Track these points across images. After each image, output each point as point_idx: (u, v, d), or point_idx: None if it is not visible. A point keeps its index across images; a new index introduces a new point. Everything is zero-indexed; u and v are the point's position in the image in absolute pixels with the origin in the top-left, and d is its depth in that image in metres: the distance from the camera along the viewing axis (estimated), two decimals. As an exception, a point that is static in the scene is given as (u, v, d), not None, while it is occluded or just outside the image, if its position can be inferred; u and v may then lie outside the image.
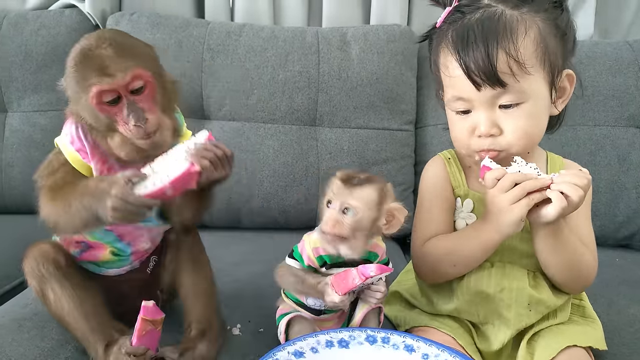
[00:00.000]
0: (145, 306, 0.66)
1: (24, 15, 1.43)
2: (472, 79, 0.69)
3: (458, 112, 0.75)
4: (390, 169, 1.37)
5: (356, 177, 0.68)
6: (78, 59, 0.65)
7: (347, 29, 1.41)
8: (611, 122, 1.34)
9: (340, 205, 0.67)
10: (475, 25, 0.69)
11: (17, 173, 1.37)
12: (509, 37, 0.67)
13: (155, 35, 1.36)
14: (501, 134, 0.71)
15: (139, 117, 0.65)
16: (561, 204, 0.64)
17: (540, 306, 0.76)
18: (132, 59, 0.65)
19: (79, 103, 0.67)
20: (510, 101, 0.70)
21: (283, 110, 1.35)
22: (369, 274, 0.66)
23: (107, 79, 0.63)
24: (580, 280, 0.77)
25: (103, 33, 0.67)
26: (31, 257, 0.73)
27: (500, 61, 0.67)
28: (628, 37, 1.56)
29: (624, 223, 1.31)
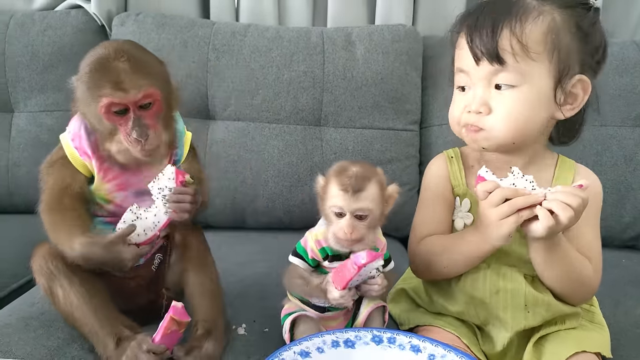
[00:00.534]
0: (175, 306, 0.69)
1: (30, 15, 1.44)
2: (473, 51, 0.70)
3: (458, 88, 0.76)
4: (395, 168, 1.36)
5: (354, 181, 0.68)
6: (94, 66, 0.68)
7: (352, 29, 1.41)
8: (618, 122, 1.33)
9: (351, 212, 0.68)
10: (492, 3, 0.71)
11: (23, 173, 1.38)
12: (517, 18, 0.68)
13: (161, 36, 1.36)
14: (490, 113, 0.71)
15: (142, 133, 0.68)
16: (548, 223, 0.63)
17: (539, 307, 0.75)
18: (146, 77, 0.68)
19: (87, 107, 0.70)
20: (506, 81, 0.70)
21: (288, 110, 1.35)
22: (360, 262, 0.66)
23: (120, 93, 0.66)
24: (579, 293, 0.76)
25: (122, 45, 0.70)
26: (39, 255, 0.73)
27: (503, 37, 0.68)
28: (635, 36, 1.55)
29: (630, 224, 1.30)
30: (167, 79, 0.74)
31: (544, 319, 0.75)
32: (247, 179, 1.33)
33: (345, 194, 0.68)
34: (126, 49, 0.69)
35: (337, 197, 0.68)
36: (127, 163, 0.73)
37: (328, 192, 0.70)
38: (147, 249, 0.72)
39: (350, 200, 0.68)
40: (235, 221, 1.37)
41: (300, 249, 0.75)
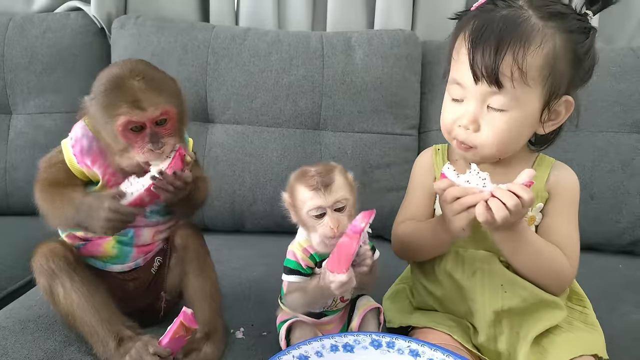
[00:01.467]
0: (185, 312, 0.69)
1: (29, 18, 1.44)
2: (473, 69, 0.70)
3: (453, 99, 0.77)
4: (393, 173, 1.37)
5: (321, 178, 0.69)
6: (110, 85, 0.69)
7: (351, 34, 1.42)
8: (615, 128, 1.34)
9: (331, 207, 0.69)
10: (497, 21, 0.70)
11: (21, 175, 1.37)
12: (522, 43, 0.68)
13: (160, 39, 1.36)
14: (478, 131, 0.73)
15: (158, 145, 0.71)
16: (483, 217, 0.66)
17: (516, 287, 0.76)
18: (161, 95, 0.70)
19: (103, 125, 0.71)
20: (499, 105, 0.71)
21: (287, 114, 1.36)
22: (360, 226, 0.67)
23: (138, 112, 0.68)
24: (552, 282, 0.77)
25: (135, 64, 0.72)
26: (40, 254, 0.74)
27: (505, 62, 0.68)
28: (632, 43, 1.56)
29: (627, 229, 1.30)
30: (180, 96, 0.76)
31: (523, 299, 0.75)
32: (245, 182, 1.33)
33: (317, 192, 0.69)
34: (140, 69, 0.71)
35: (312, 199, 0.69)
36: (131, 170, 0.73)
37: (299, 200, 0.71)
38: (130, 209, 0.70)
39: (325, 196, 0.69)
40: (234, 224, 1.37)
41: (292, 264, 0.75)
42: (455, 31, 0.77)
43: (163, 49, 1.35)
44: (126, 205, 0.69)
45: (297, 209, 0.72)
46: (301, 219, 0.72)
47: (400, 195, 1.35)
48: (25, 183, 1.35)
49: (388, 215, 1.35)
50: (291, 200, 0.72)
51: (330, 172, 0.70)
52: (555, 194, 0.79)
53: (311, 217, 0.70)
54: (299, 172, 0.73)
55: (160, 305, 0.81)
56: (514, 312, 0.76)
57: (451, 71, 0.77)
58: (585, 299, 0.85)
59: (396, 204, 1.35)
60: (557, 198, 0.79)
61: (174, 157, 0.72)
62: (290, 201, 0.73)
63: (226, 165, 1.33)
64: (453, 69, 0.76)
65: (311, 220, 0.70)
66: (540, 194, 0.78)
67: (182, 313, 0.69)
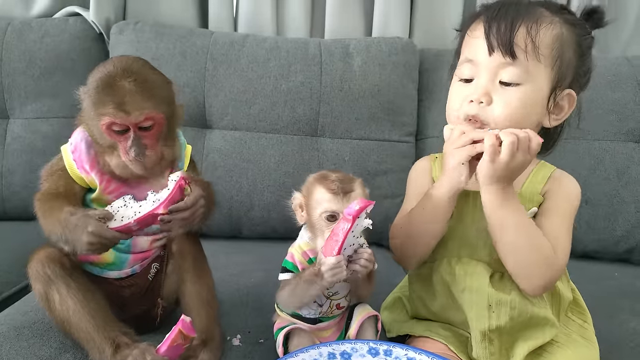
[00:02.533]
0: (184, 320, 0.68)
1: (28, 22, 1.44)
2: (489, 40, 0.73)
3: (461, 80, 0.77)
4: (390, 180, 1.37)
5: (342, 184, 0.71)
6: (100, 82, 0.69)
7: (349, 41, 1.43)
8: (610, 137, 1.35)
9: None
10: (512, 3, 0.75)
11: (18, 180, 1.37)
12: (535, 20, 0.72)
13: (159, 45, 1.36)
14: (490, 104, 0.73)
15: (140, 152, 0.69)
16: (489, 141, 0.67)
17: (504, 307, 0.74)
18: (150, 99, 0.69)
19: (91, 121, 0.71)
20: (512, 77, 0.72)
21: (285, 120, 1.36)
22: (355, 209, 0.65)
23: (122, 114, 0.67)
24: (536, 271, 0.73)
25: (130, 63, 0.71)
26: (36, 260, 0.73)
27: (519, 34, 0.72)
28: (627, 52, 1.58)
29: (623, 237, 1.31)
30: (172, 100, 0.75)
31: (511, 318, 0.74)
32: (243, 188, 1.33)
33: (336, 197, 0.70)
34: (135, 69, 0.70)
35: (329, 202, 0.70)
36: (125, 177, 0.73)
37: (315, 200, 0.71)
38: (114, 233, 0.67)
39: (343, 202, 0.69)
40: (231, 230, 1.37)
41: (289, 265, 0.75)
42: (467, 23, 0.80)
43: (162, 54, 1.36)
44: (112, 229, 0.67)
45: (310, 208, 0.72)
46: (311, 220, 0.73)
47: (398, 202, 1.36)
48: (21, 188, 1.35)
49: (385, 222, 1.35)
50: (306, 199, 0.73)
51: (351, 181, 0.72)
52: (550, 197, 0.79)
53: (323, 219, 0.70)
54: (319, 174, 0.74)
55: (157, 312, 0.80)
56: (503, 330, 0.75)
57: (462, 53, 0.79)
58: (586, 312, 0.84)
59: (393, 210, 1.35)
60: (552, 200, 0.79)
61: (174, 189, 0.69)
62: (304, 201, 0.74)
63: (224, 171, 1.33)
64: (466, 48, 0.78)
65: (321, 223, 0.71)
66: (535, 197, 0.79)
67: (180, 321, 0.68)
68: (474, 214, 0.77)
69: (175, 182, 0.70)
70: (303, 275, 0.71)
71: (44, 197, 0.74)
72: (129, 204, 0.70)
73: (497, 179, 0.69)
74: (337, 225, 0.68)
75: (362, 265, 0.70)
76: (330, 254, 0.67)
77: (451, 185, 0.72)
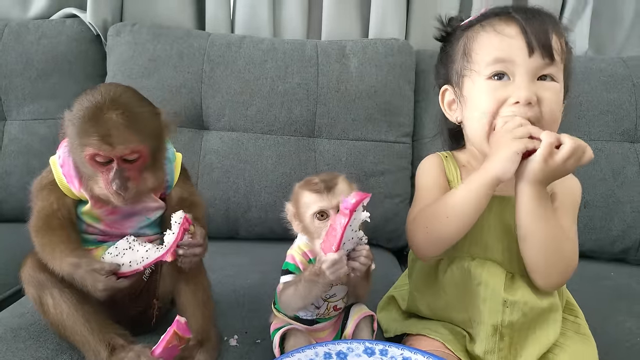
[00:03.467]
0: (179, 321, 0.69)
1: (25, 24, 1.45)
2: (529, 41, 0.73)
3: (491, 78, 0.75)
4: (387, 180, 1.37)
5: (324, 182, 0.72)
6: (87, 112, 0.66)
7: (346, 43, 1.43)
8: (606, 137, 1.36)
9: (334, 209, 0.71)
10: (530, 9, 0.77)
11: (15, 181, 1.36)
12: (558, 25, 0.76)
13: (156, 46, 1.37)
14: (536, 104, 0.73)
15: (122, 185, 0.68)
16: (549, 139, 0.66)
17: (518, 304, 0.75)
18: (136, 134, 0.67)
19: (74, 149, 0.69)
20: (553, 73, 0.74)
21: (282, 121, 1.36)
22: (351, 202, 0.65)
23: (106, 147, 0.66)
24: (557, 268, 0.75)
25: (119, 95, 0.68)
26: (29, 264, 0.73)
27: (554, 38, 0.74)
28: (622, 53, 1.59)
29: (618, 237, 1.31)
30: (159, 131, 0.73)
31: (524, 313, 0.75)
32: (240, 189, 1.33)
33: (321, 195, 0.71)
34: (123, 101, 0.67)
35: (315, 202, 0.71)
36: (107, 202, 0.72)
37: (302, 205, 0.72)
38: (125, 282, 0.70)
39: (329, 198, 0.70)
40: (228, 231, 1.37)
41: (291, 266, 0.75)
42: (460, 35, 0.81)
43: (159, 56, 1.36)
44: (121, 274, 0.70)
45: (301, 215, 0.73)
46: (305, 226, 0.73)
47: (395, 202, 1.37)
48: (18, 189, 1.35)
49: (382, 222, 1.36)
50: (295, 208, 0.74)
51: (333, 177, 0.73)
52: (557, 196, 0.79)
53: (315, 220, 0.71)
54: (303, 181, 0.75)
55: (152, 313, 0.80)
56: (515, 326, 0.75)
57: (489, 52, 0.76)
58: (576, 309, 0.85)
59: (390, 211, 1.37)
60: (560, 198, 0.79)
61: (179, 233, 0.70)
62: (294, 211, 0.74)
63: (221, 172, 1.33)
64: (494, 49, 0.75)
65: (314, 223, 0.71)
66: None
67: (175, 322, 0.68)
68: (488, 217, 0.77)
69: (179, 224, 0.70)
70: (304, 276, 0.70)
71: (39, 224, 0.72)
72: (134, 247, 0.71)
73: (541, 179, 0.69)
74: (334, 221, 0.67)
75: (361, 262, 0.70)
76: (330, 250, 0.66)
77: (499, 173, 0.69)
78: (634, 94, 1.35)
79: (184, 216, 0.70)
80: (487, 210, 0.75)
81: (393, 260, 1.32)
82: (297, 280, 0.72)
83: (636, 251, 1.33)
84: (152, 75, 1.34)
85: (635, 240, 1.31)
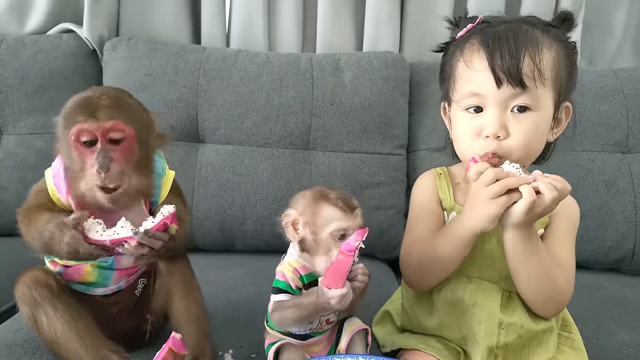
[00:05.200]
0: (174, 337, 0.68)
1: (22, 39, 1.45)
2: (495, 74, 0.71)
3: (468, 110, 0.75)
4: (382, 192, 1.38)
5: (350, 201, 0.73)
6: (76, 102, 0.70)
7: (340, 56, 1.45)
8: (598, 148, 1.37)
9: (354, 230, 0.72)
10: (504, 31, 0.73)
11: (10, 196, 1.36)
12: (535, 45, 0.71)
13: (152, 61, 1.38)
14: (508, 137, 0.72)
15: (104, 163, 0.67)
16: (530, 197, 0.65)
17: (513, 325, 0.75)
18: (121, 112, 0.69)
19: (62, 140, 0.71)
20: (526, 103, 0.71)
21: (277, 134, 1.37)
22: (354, 245, 0.67)
23: (91, 120, 0.67)
24: (551, 301, 0.77)
25: (109, 89, 0.73)
26: (23, 283, 0.73)
27: (525, 64, 0.70)
28: (613, 65, 1.61)
29: (612, 247, 1.32)
30: (148, 126, 0.75)
31: (520, 335, 0.75)
32: (236, 202, 1.33)
33: (347, 214, 0.71)
34: (112, 93, 0.71)
35: (339, 220, 0.71)
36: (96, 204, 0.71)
37: (321, 218, 0.72)
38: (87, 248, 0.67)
39: (352, 219, 0.72)
40: (224, 244, 1.37)
41: (282, 284, 0.74)
42: (452, 52, 0.79)
43: (155, 70, 1.37)
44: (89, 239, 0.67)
45: (317, 227, 0.72)
46: (317, 239, 0.73)
47: (390, 214, 1.38)
48: (14, 204, 1.29)
49: (377, 234, 1.37)
50: (309, 218, 0.73)
51: (351, 198, 0.74)
52: (555, 218, 0.79)
53: (333, 238, 0.71)
54: (317, 192, 0.75)
55: (145, 328, 0.80)
56: (510, 347, 0.75)
57: (463, 84, 0.76)
58: (571, 324, 0.85)
59: (385, 223, 1.37)
60: (558, 221, 0.79)
61: (159, 223, 0.67)
62: (303, 219, 0.74)
63: (216, 185, 1.34)
64: (466, 81, 0.75)
65: (330, 242, 0.72)
66: (543, 220, 0.79)
67: (171, 338, 0.68)
68: (483, 237, 0.77)
69: (163, 216, 0.68)
70: (307, 304, 0.70)
71: (26, 209, 0.75)
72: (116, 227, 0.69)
73: (525, 225, 0.69)
74: (338, 259, 0.68)
75: (360, 280, 0.71)
76: (336, 285, 0.66)
77: (477, 230, 0.70)
78: (626, 105, 1.37)
79: (172, 212, 0.69)
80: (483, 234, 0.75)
81: (388, 271, 1.33)
82: (297, 304, 0.71)
83: (630, 261, 1.33)
84: (148, 90, 1.35)
85: (629, 250, 1.32)
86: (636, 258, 1.32)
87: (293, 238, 0.76)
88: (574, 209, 0.82)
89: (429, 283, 0.80)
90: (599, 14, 1.59)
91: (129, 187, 0.71)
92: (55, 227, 0.68)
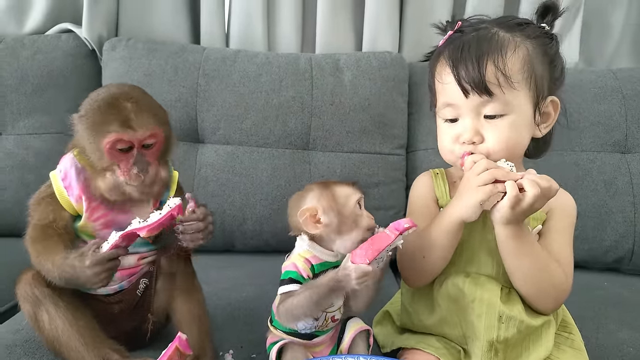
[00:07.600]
0: (180, 337, 0.69)
1: (20, 39, 1.45)
2: (461, 85, 0.73)
3: (446, 120, 0.78)
4: (381, 192, 1.38)
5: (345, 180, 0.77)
6: (103, 103, 0.70)
7: (339, 56, 1.45)
8: (597, 148, 1.37)
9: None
10: (470, 41, 0.75)
11: (9, 196, 1.36)
12: (498, 51, 0.72)
13: (152, 61, 1.38)
14: (483, 141, 0.75)
15: (143, 168, 0.71)
16: (513, 192, 0.67)
17: (513, 320, 0.76)
18: (152, 118, 0.71)
19: (89, 142, 0.71)
20: (495, 112, 0.73)
21: (277, 134, 1.37)
22: (404, 226, 0.68)
23: (129, 131, 0.69)
24: (549, 296, 0.77)
25: (127, 88, 0.74)
26: (25, 281, 0.73)
27: (488, 71, 0.72)
28: (611, 65, 1.61)
29: (611, 247, 1.33)
30: (168, 123, 0.77)
31: (519, 330, 0.76)
32: (235, 202, 1.33)
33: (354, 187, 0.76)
34: (133, 94, 0.72)
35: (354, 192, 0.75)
36: (116, 201, 0.74)
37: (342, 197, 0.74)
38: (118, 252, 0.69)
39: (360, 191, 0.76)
40: (224, 244, 1.37)
41: (293, 274, 0.73)
42: (431, 65, 0.81)
43: (154, 70, 1.37)
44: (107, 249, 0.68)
45: (340, 205, 0.73)
46: (344, 216, 0.73)
47: (390, 215, 1.38)
48: (13, 205, 1.34)
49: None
50: (328, 204, 0.73)
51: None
52: (552, 215, 0.80)
53: (357, 206, 0.74)
54: (320, 183, 0.77)
55: (147, 328, 0.80)
56: (509, 342, 0.76)
57: (439, 96, 0.79)
58: (571, 325, 0.86)
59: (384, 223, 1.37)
60: (555, 217, 0.80)
61: (165, 215, 0.69)
62: (323, 208, 0.73)
63: (216, 185, 1.34)
64: (441, 94, 0.78)
65: (357, 212, 0.74)
66: (540, 215, 0.79)
67: (177, 338, 0.68)
68: (482, 232, 0.78)
69: (170, 208, 0.69)
70: (322, 283, 0.69)
71: (35, 234, 0.73)
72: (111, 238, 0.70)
73: (513, 221, 0.71)
74: (377, 235, 0.69)
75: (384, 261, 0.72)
76: (362, 260, 0.66)
77: (464, 217, 0.73)
78: (624, 105, 1.37)
79: (179, 204, 0.70)
80: (477, 227, 0.77)
81: (388, 272, 1.32)
82: (310, 286, 0.70)
83: (629, 261, 1.34)
84: (147, 90, 1.31)
85: (628, 249, 1.32)
86: (635, 258, 1.33)
87: (314, 230, 0.74)
88: (570, 204, 0.83)
89: (422, 276, 0.81)
90: (598, 14, 1.60)
91: (158, 179, 0.74)
92: (74, 260, 0.68)
